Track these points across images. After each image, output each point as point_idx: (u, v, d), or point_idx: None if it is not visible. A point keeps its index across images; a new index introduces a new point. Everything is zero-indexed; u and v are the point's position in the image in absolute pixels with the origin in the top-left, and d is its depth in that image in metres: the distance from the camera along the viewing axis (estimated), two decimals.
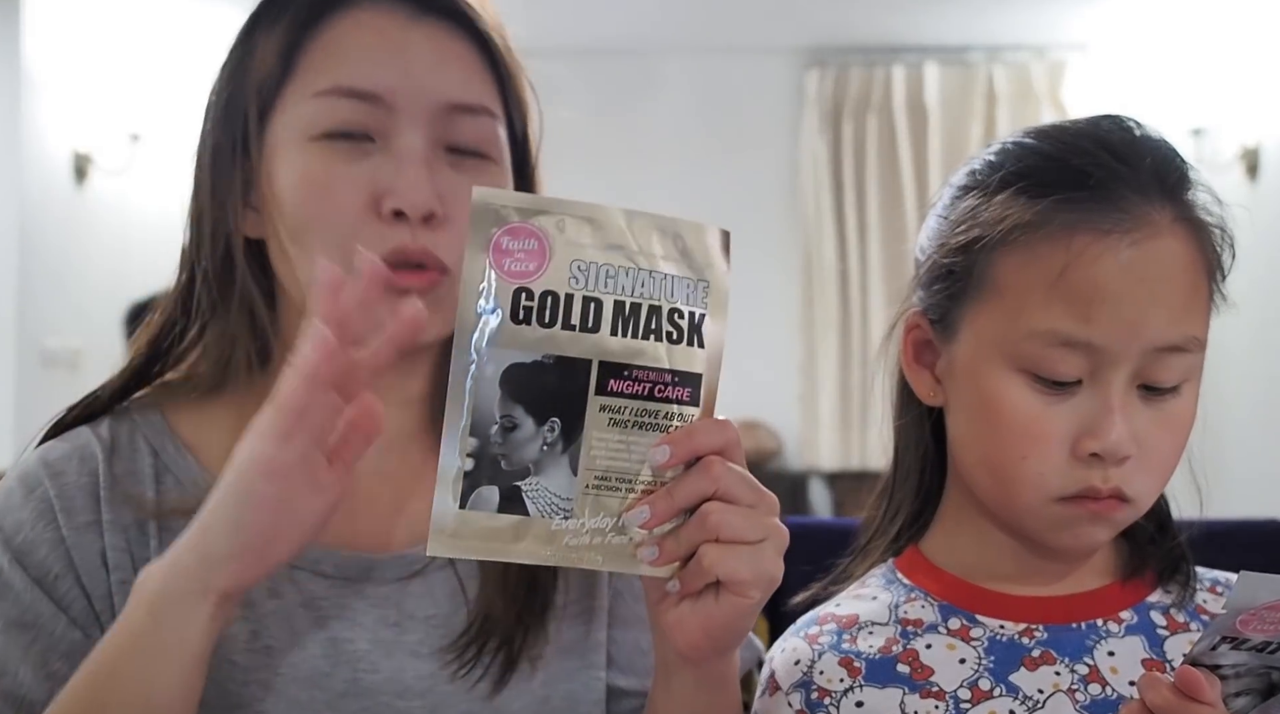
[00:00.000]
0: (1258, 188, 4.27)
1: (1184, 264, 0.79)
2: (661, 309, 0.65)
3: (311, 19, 0.80)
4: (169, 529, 0.81)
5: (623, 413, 0.65)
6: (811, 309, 5.05)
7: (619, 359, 0.65)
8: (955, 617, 0.86)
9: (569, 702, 0.86)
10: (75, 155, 4.21)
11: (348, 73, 0.79)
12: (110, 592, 0.79)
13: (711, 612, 0.69)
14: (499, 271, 0.62)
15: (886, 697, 0.83)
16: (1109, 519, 0.81)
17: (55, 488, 0.80)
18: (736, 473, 0.68)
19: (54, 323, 4.05)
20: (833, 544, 0.99)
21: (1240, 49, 4.32)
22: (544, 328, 0.63)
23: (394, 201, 0.78)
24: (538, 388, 0.63)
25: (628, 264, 0.64)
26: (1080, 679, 0.82)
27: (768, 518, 0.68)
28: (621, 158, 5.05)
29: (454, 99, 0.81)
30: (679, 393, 0.67)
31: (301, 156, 0.79)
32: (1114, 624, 0.84)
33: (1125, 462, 0.79)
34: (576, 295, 0.63)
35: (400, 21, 0.80)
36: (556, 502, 0.65)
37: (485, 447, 0.63)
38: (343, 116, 0.79)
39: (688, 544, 0.67)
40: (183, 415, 0.86)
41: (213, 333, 0.83)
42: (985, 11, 4.73)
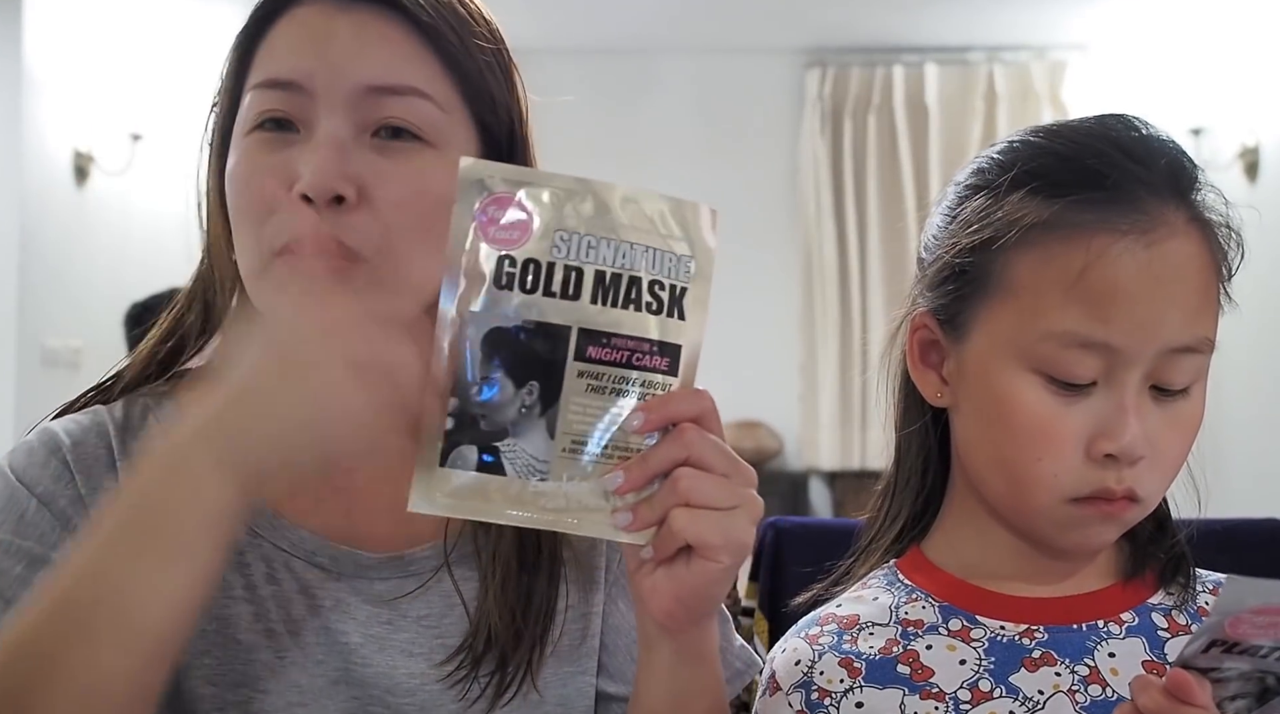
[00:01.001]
0: (1257, 188, 4.27)
1: (1198, 265, 0.80)
2: (641, 280, 0.67)
3: (263, 24, 0.82)
4: None
5: (601, 379, 0.67)
6: (811, 309, 5.05)
7: (598, 327, 0.66)
8: (956, 617, 0.86)
9: (562, 707, 0.86)
10: (75, 155, 4.20)
11: (274, 66, 0.80)
12: None
13: (683, 577, 0.69)
14: (485, 238, 0.64)
15: (886, 697, 0.83)
16: (1119, 519, 0.81)
17: (74, 454, 0.81)
18: (710, 441, 0.69)
19: (54, 323, 4.05)
20: (833, 544, 0.99)
21: (1240, 49, 4.32)
22: (525, 293, 0.65)
23: (300, 185, 0.77)
24: (518, 351, 0.65)
25: (610, 235, 0.66)
26: (1080, 680, 0.81)
27: (742, 487, 0.69)
28: (621, 158, 5.05)
29: (375, 81, 0.78)
30: (657, 362, 0.68)
31: (238, 149, 0.81)
32: (1115, 625, 0.84)
33: (1139, 462, 0.79)
34: (558, 263, 0.65)
35: (327, 11, 0.80)
36: (533, 464, 0.67)
37: (465, 406, 0.65)
38: (266, 106, 0.80)
39: (661, 509, 0.68)
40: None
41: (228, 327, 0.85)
42: (985, 11, 4.73)
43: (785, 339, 5.07)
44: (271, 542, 0.83)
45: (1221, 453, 4.03)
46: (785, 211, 5.12)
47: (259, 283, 0.79)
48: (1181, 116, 4.38)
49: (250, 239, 0.79)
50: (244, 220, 0.80)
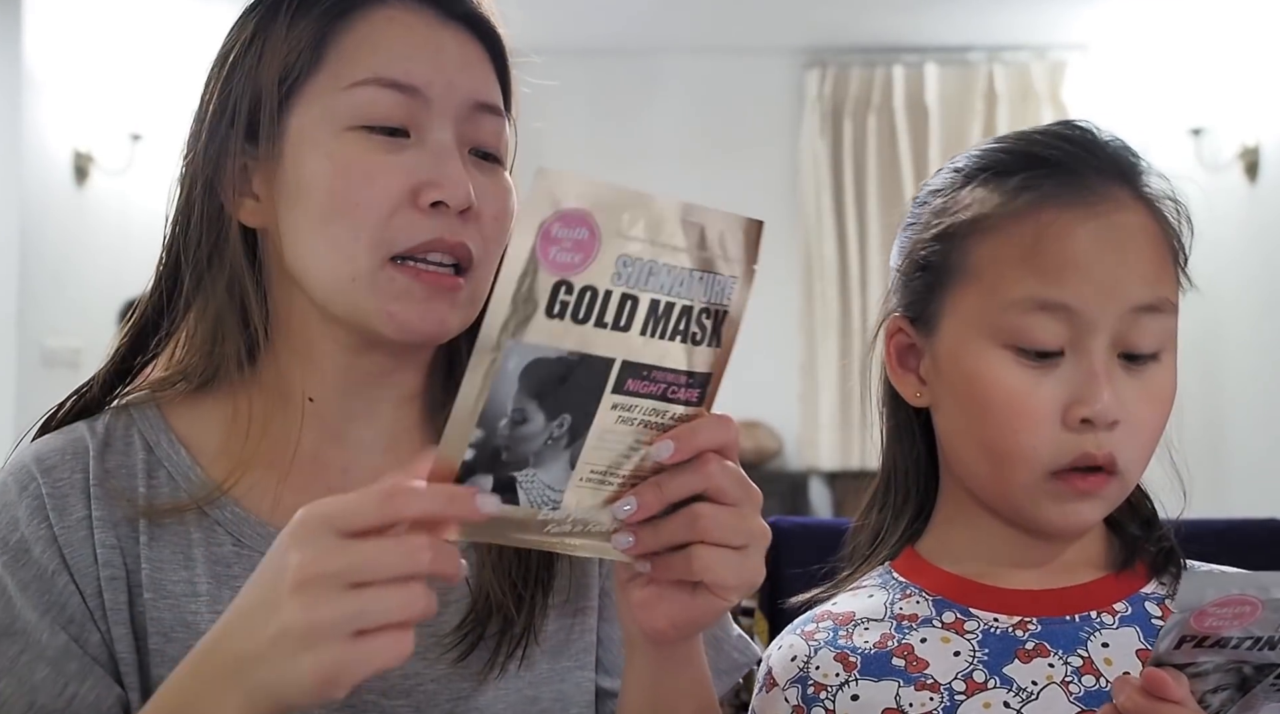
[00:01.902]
0: (1257, 188, 4.26)
1: (1148, 234, 0.83)
2: (693, 310, 0.64)
3: (340, 12, 0.81)
4: (160, 526, 0.81)
5: (632, 411, 0.64)
6: (811, 309, 5.05)
7: (643, 360, 0.63)
8: (949, 610, 0.87)
9: (559, 703, 0.86)
10: (75, 155, 4.21)
11: (385, 65, 0.80)
12: (100, 589, 0.80)
13: (686, 605, 0.70)
14: (544, 261, 0.58)
15: (881, 689, 0.84)
16: (1101, 495, 0.82)
17: (48, 485, 0.81)
18: (730, 471, 0.68)
19: (54, 323, 4.05)
20: (833, 544, 0.99)
21: (1240, 49, 4.32)
22: (576, 324, 0.60)
23: (436, 193, 0.79)
24: (556, 384, 0.61)
25: (672, 262, 0.62)
26: (1074, 671, 0.82)
27: (753, 520, 0.69)
28: (621, 158, 5.05)
29: (480, 98, 0.83)
30: (689, 395, 0.67)
31: (338, 145, 0.80)
32: (1108, 616, 0.85)
33: (1115, 427, 0.80)
34: (615, 292, 0.60)
35: (430, 21, 0.83)
36: (548, 493, 0.64)
37: (489, 439, 0.61)
38: (384, 108, 0.80)
39: (669, 540, 0.67)
40: (177, 409, 0.86)
41: (199, 323, 0.84)
42: (985, 11, 4.73)
43: (785, 339, 5.07)
44: (260, 551, 0.81)
45: (1221, 453, 4.03)
46: (785, 211, 5.12)
47: (363, 288, 0.79)
48: (1181, 116, 4.39)
49: (359, 241, 0.79)
50: (356, 221, 0.79)
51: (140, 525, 0.81)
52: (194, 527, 0.82)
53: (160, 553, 0.81)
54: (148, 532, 0.81)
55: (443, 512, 0.61)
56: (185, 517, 0.82)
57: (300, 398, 0.85)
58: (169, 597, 0.80)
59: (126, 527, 0.81)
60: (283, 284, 0.84)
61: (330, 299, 0.81)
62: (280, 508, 0.83)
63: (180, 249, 0.84)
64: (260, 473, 0.83)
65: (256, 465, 0.83)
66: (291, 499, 0.84)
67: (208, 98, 0.85)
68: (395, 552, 0.60)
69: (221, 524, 0.82)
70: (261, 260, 0.85)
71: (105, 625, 0.79)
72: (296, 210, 0.81)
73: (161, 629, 0.80)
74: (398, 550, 0.60)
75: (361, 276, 0.79)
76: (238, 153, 0.82)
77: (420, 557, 0.60)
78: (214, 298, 0.83)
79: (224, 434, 0.84)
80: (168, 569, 0.81)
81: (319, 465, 0.85)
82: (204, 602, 0.80)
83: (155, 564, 0.81)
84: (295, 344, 0.85)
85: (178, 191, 0.85)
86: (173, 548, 0.81)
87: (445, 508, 0.61)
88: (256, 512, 0.83)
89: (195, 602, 0.80)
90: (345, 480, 0.85)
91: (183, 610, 0.80)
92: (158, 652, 0.80)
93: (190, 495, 0.82)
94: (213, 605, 0.80)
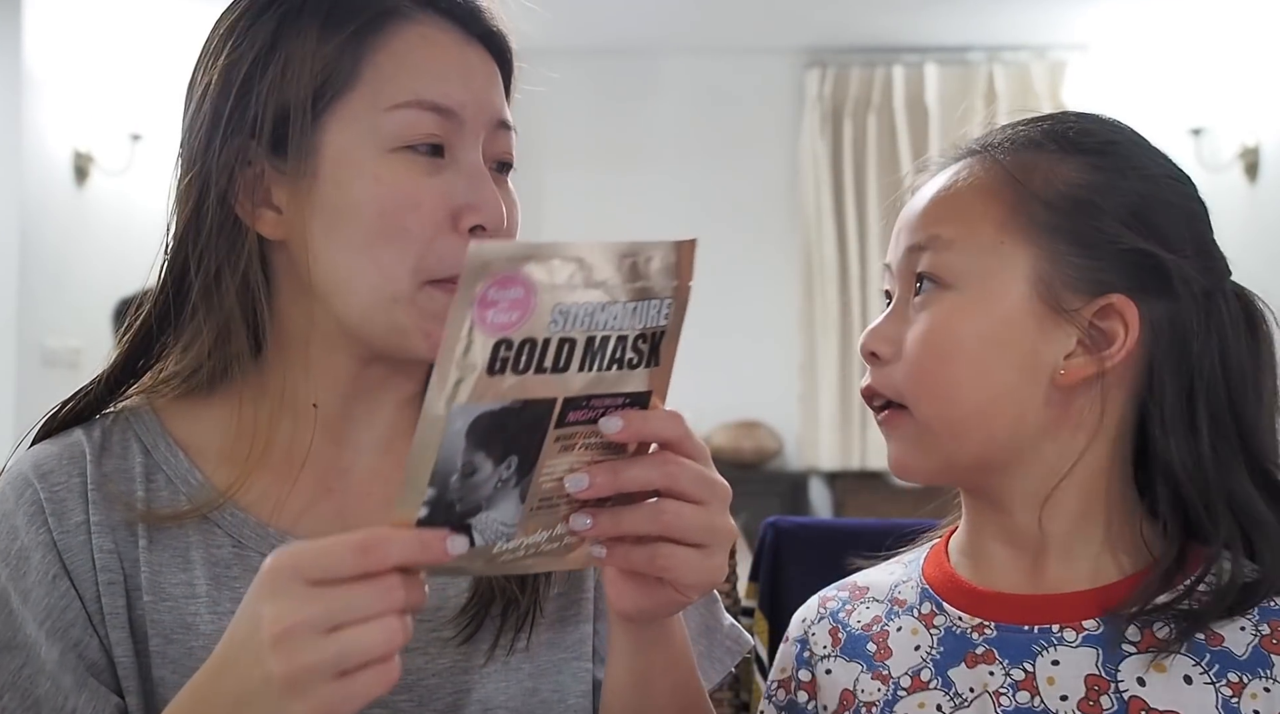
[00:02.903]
0: (1257, 188, 4.27)
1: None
2: (628, 338, 0.65)
3: (374, 30, 0.81)
4: (158, 529, 0.82)
5: (574, 438, 0.66)
6: (811, 309, 5.05)
7: (581, 392, 0.65)
8: (928, 601, 0.86)
9: (558, 693, 0.87)
10: (75, 155, 4.21)
11: (426, 87, 0.81)
12: (99, 594, 0.80)
13: (648, 594, 0.72)
14: (482, 325, 0.60)
15: (848, 670, 0.87)
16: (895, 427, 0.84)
17: (45, 490, 0.81)
18: (689, 468, 0.69)
19: (54, 323, 4.05)
20: (833, 544, 0.99)
21: (1240, 49, 4.32)
22: (517, 375, 0.62)
23: (476, 217, 0.81)
24: (502, 432, 0.63)
25: (605, 299, 0.63)
26: (1012, 684, 0.79)
27: (718, 518, 0.70)
28: (621, 158, 5.06)
29: (501, 115, 0.85)
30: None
31: (384, 168, 0.80)
32: (1071, 632, 0.79)
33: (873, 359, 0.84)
34: (553, 338, 0.62)
35: (458, 39, 0.84)
36: (502, 528, 0.66)
37: (442, 495, 0.63)
38: (426, 130, 0.80)
39: (630, 528, 0.68)
40: (176, 412, 0.86)
41: (205, 328, 0.83)
42: (985, 11, 4.73)
43: (785, 339, 5.07)
44: (259, 552, 0.82)
45: None
46: (785, 211, 5.12)
47: (402, 308, 0.80)
48: (1181, 116, 4.39)
49: (405, 263, 0.79)
50: (401, 243, 0.79)
51: (139, 529, 0.81)
52: (192, 529, 0.82)
53: (159, 556, 0.81)
54: (146, 535, 0.81)
55: (416, 558, 0.62)
56: (184, 520, 0.82)
57: (304, 403, 0.85)
58: (169, 599, 0.81)
59: (125, 530, 0.81)
60: (295, 294, 0.84)
61: (368, 317, 0.81)
62: (283, 511, 0.84)
63: (189, 257, 0.83)
64: (260, 475, 0.83)
65: (259, 469, 0.83)
66: (293, 501, 0.84)
67: (216, 105, 0.82)
68: (370, 593, 0.61)
69: (220, 526, 0.82)
70: (273, 270, 0.84)
71: (104, 630, 0.80)
72: (338, 231, 0.80)
73: (161, 631, 0.80)
74: (372, 591, 0.61)
75: (403, 297, 0.80)
76: (259, 165, 0.81)
77: (394, 595, 0.62)
78: (222, 306, 0.82)
79: (225, 438, 0.84)
80: (166, 572, 0.81)
81: (319, 467, 0.86)
82: (203, 603, 0.81)
83: (154, 567, 0.81)
84: (300, 352, 0.84)
85: (184, 200, 0.83)
86: (171, 551, 0.82)
87: (419, 554, 0.62)
88: (256, 514, 0.83)
89: (194, 603, 0.81)
90: (345, 481, 0.86)
91: (182, 612, 0.81)
92: (159, 653, 0.80)
93: (189, 498, 0.83)
94: (212, 607, 0.81)
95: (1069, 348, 0.79)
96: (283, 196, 0.81)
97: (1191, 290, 0.80)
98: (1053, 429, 0.81)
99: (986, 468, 0.82)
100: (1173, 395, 0.79)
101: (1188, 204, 0.83)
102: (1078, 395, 0.80)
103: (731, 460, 4.89)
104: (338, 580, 0.61)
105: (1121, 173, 0.81)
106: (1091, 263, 0.79)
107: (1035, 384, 0.80)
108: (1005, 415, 0.80)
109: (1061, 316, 0.79)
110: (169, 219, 0.85)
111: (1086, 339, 0.79)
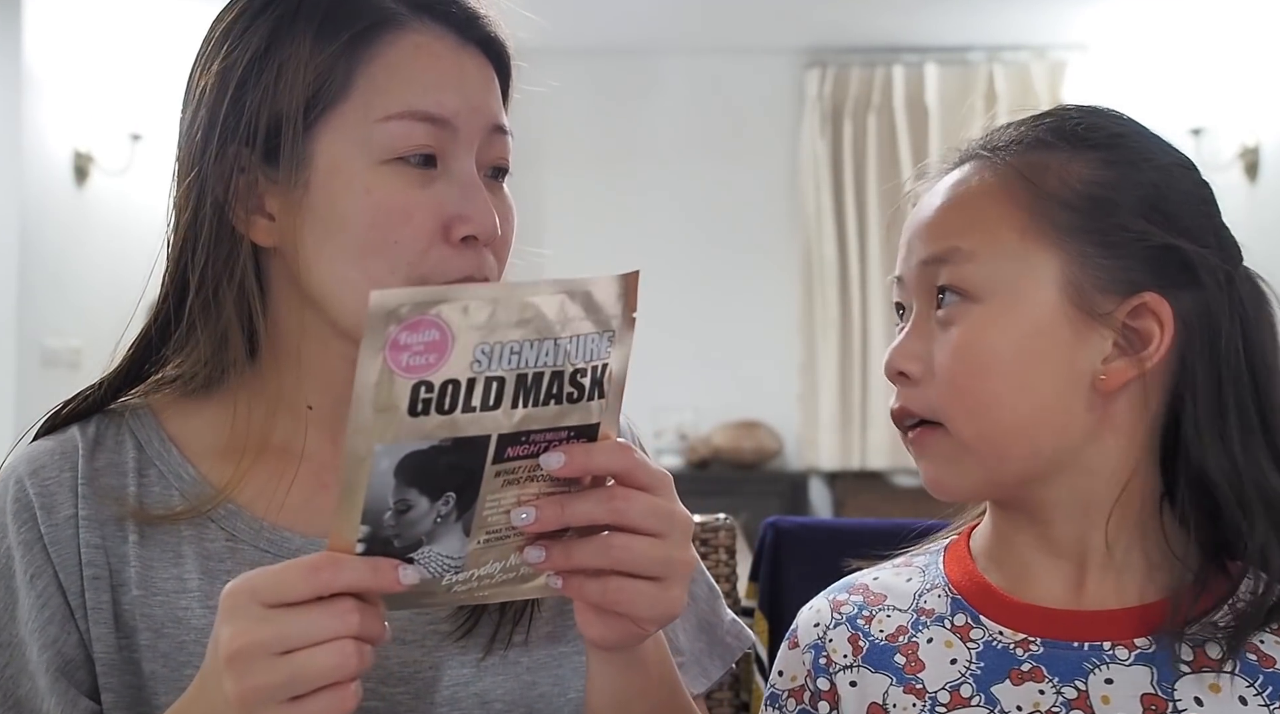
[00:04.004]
0: (1257, 188, 4.27)
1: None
2: (564, 373, 0.65)
3: (367, 40, 0.80)
4: (149, 526, 0.82)
5: (517, 472, 0.66)
6: (811, 309, 5.05)
7: (517, 428, 0.64)
8: (962, 613, 0.84)
9: (557, 687, 0.87)
10: (75, 155, 4.21)
11: (418, 97, 0.80)
12: (83, 588, 0.80)
13: (611, 625, 0.70)
14: (397, 369, 0.60)
15: (875, 681, 0.84)
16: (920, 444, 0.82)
17: (35, 485, 0.82)
18: (639, 500, 0.68)
19: (54, 323, 4.05)
20: (833, 544, 0.99)
21: (1240, 49, 4.32)
22: (443, 415, 0.61)
23: (468, 228, 0.80)
24: (434, 470, 0.62)
25: (533, 337, 0.63)
26: (1065, 703, 0.77)
27: (675, 550, 0.69)
28: (621, 158, 5.06)
29: (497, 120, 0.84)
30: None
31: (375, 180, 0.79)
32: (1124, 649, 0.78)
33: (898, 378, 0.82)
34: (479, 378, 0.62)
35: (453, 46, 0.83)
36: (448, 562, 0.66)
37: (378, 531, 0.63)
38: (418, 141, 0.80)
39: (580, 562, 0.68)
40: (172, 411, 0.87)
41: (204, 333, 0.83)
42: (985, 11, 4.73)
43: (785, 339, 5.07)
44: (254, 545, 0.83)
45: None
46: (785, 211, 5.12)
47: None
48: (1182, 117, 4.39)
49: (396, 274, 0.79)
50: (395, 255, 0.79)
51: (129, 526, 0.82)
52: (184, 523, 0.83)
53: (150, 550, 0.82)
54: (137, 530, 0.82)
55: (367, 583, 0.63)
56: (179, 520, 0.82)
57: (298, 405, 0.86)
58: (159, 593, 0.81)
59: (114, 525, 0.82)
60: (289, 300, 0.84)
61: (360, 324, 0.80)
62: (279, 507, 0.84)
63: (189, 267, 0.83)
64: (255, 473, 0.84)
65: (254, 467, 0.83)
66: (289, 498, 0.85)
67: (211, 110, 0.81)
68: (323, 616, 0.62)
69: (214, 520, 0.83)
70: (267, 275, 0.84)
71: (85, 625, 0.80)
72: (330, 241, 0.80)
73: (152, 625, 0.80)
74: (325, 615, 0.62)
75: None
76: (252, 172, 0.81)
77: (349, 619, 0.62)
78: (220, 316, 0.83)
79: (220, 437, 0.85)
80: (158, 566, 0.81)
81: (315, 465, 0.86)
82: (194, 597, 0.81)
83: (145, 561, 0.81)
84: (294, 354, 0.85)
85: (182, 207, 0.83)
86: (162, 545, 0.82)
87: (370, 579, 0.63)
88: (252, 510, 0.84)
89: (185, 597, 0.81)
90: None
91: (173, 606, 0.81)
92: (149, 647, 0.80)
93: (181, 493, 0.83)
94: (203, 601, 0.81)
95: (1105, 351, 0.78)
96: (275, 205, 0.81)
97: (1216, 278, 0.78)
98: (1094, 435, 0.79)
99: (1029, 481, 0.80)
100: (1205, 390, 0.78)
101: (1199, 190, 0.82)
102: (1117, 398, 0.79)
103: (731, 460, 4.90)
104: (291, 603, 0.62)
105: (1135, 165, 0.80)
106: (1119, 263, 0.78)
107: (1075, 392, 0.78)
108: (1049, 427, 0.78)
109: (1095, 320, 0.77)
110: (167, 225, 0.85)
111: (1122, 341, 0.78)
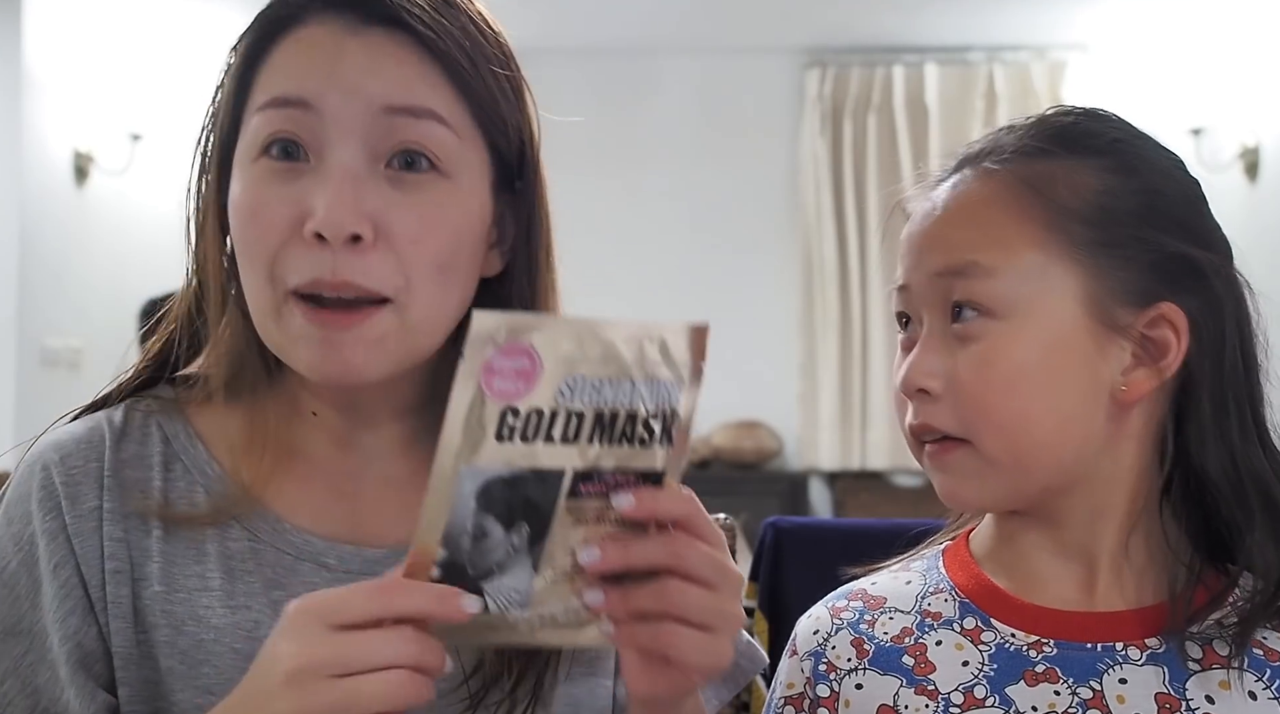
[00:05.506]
0: (1257, 188, 4.26)
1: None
2: (637, 416, 0.66)
3: (264, 41, 0.80)
4: (172, 520, 0.82)
5: (586, 511, 0.67)
6: (811, 309, 5.05)
7: (591, 465, 0.66)
8: (971, 616, 0.84)
9: (573, 707, 0.86)
10: (75, 155, 4.21)
11: (279, 85, 0.78)
12: (104, 581, 0.80)
13: (660, 675, 0.70)
14: (489, 392, 0.62)
15: (884, 684, 0.84)
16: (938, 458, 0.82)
17: (61, 473, 0.81)
18: (699, 550, 0.68)
19: (54, 323, 4.05)
20: (833, 544, 0.99)
21: (1240, 49, 4.32)
22: (525, 443, 0.63)
23: (313, 223, 0.74)
24: (512, 499, 0.64)
25: (613, 374, 0.65)
26: (1081, 703, 0.78)
27: (728, 603, 0.69)
28: (621, 158, 5.05)
29: (390, 101, 0.76)
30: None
31: (247, 178, 0.78)
32: (1135, 649, 0.79)
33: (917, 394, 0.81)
34: (561, 410, 0.64)
35: (336, 31, 0.78)
36: (514, 596, 0.67)
37: (454, 556, 0.64)
38: (275, 127, 0.76)
39: (636, 605, 0.68)
40: (197, 408, 0.87)
41: (223, 343, 0.84)
42: (985, 11, 4.73)
43: (785, 339, 5.07)
44: (275, 547, 0.82)
45: None
46: (785, 211, 5.12)
47: (273, 325, 0.78)
48: (1181, 116, 4.38)
49: (260, 277, 0.77)
50: (253, 257, 0.77)
51: (153, 520, 0.81)
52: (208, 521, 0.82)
53: (174, 547, 0.81)
54: (161, 525, 0.81)
55: (431, 610, 0.63)
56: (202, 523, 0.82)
57: (307, 410, 0.86)
58: (181, 590, 0.80)
59: (137, 519, 0.81)
60: None
61: (262, 334, 0.80)
62: (299, 510, 0.84)
63: (203, 282, 0.84)
64: (277, 476, 0.84)
65: (276, 470, 0.84)
66: (309, 502, 0.84)
67: (206, 127, 0.84)
68: (383, 642, 0.62)
69: (238, 519, 0.82)
70: None
71: (105, 618, 0.79)
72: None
73: (173, 622, 0.80)
74: (385, 640, 0.62)
75: (271, 312, 0.78)
76: (226, 181, 0.82)
77: (408, 648, 0.62)
78: (235, 320, 0.83)
79: (242, 439, 0.85)
80: (180, 563, 0.81)
81: (329, 472, 0.86)
82: (216, 596, 0.80)
83: (168, 558, 0.81)
84: None
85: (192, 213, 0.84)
86: (186, 542, 0.81)
87: (434, 606, 0.63)
88: (274, 512, 0.83)
89: (207, 595, 0.80)
90: (357, 486, 0.86)
91: (195, 604, 0.80)
92: (168, 643, 0.80)
93: (206, 490, 0.83)
94: (225, 600, 0.80)
95: (1125, 362, 0.79)
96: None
97: (1220, 280, 0.80)
98: (1111, 444, 0.81)
99: (1049, 492, 0.82)
100: (1210, 390, 0.79)
101: (1192, 188, 0.83)
102: (1133, 406, 0.80)
103: (731, 460, 4.89)
104: (354, 625, 0.62)
105: (1136, 171, 0.81)
106: (1134, 274, 0.79)
107: (1098, 404, 0.79)
108: (1073, 440, 0.80)
109: (1115, 332, 0.79)
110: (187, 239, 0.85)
111: (1140, 351, 0.79)
